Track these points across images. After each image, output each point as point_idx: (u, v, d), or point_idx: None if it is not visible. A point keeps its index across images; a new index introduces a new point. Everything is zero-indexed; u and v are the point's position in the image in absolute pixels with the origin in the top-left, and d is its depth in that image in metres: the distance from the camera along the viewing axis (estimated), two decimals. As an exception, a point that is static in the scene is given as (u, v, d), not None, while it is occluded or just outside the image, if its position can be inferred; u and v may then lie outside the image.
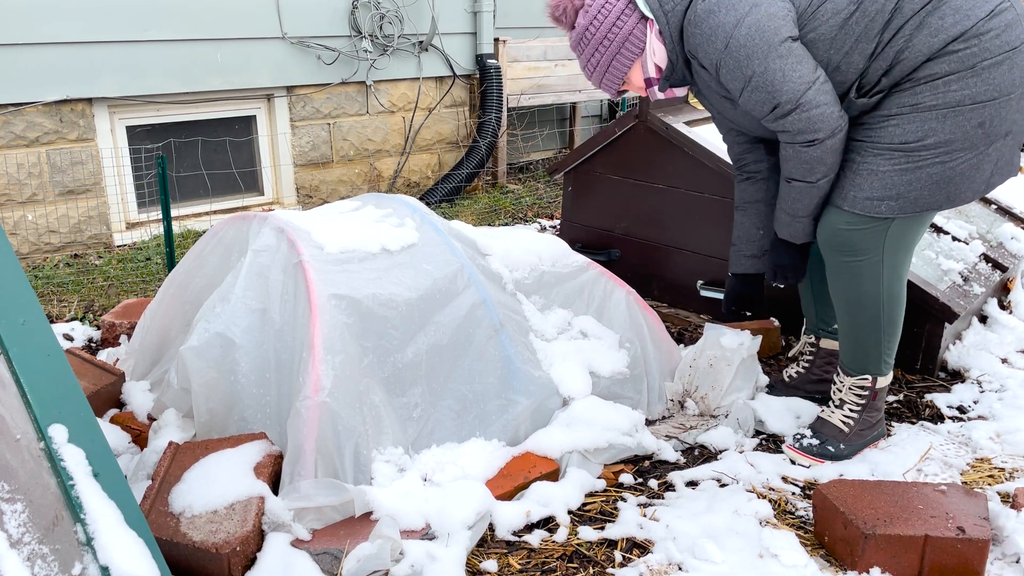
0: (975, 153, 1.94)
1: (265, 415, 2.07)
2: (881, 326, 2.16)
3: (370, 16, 4.79)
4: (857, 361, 2.24)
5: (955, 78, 1.87)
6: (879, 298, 2.12)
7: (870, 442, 2.29)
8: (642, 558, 1.86)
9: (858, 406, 2.26)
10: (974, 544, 1.74)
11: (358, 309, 2.06)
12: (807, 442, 2.27)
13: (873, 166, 1.99)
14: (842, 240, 2.08)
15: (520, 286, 2.45)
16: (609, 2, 2.11)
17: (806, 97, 1.93)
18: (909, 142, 1.94)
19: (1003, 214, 3.57)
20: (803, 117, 1.95)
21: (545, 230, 4.57)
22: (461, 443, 2.13)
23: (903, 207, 1.99)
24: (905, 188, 1.97)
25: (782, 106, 1.96)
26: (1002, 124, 1.93)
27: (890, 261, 2.09)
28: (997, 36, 1.85)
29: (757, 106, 2.00)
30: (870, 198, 2.00)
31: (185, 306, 2.39)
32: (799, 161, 2.03)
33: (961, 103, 1.89)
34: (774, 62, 1.92)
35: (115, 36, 3.99)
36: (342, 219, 2.38)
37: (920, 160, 1.94)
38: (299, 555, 1.74)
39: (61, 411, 1.41)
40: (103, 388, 2.32)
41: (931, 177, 1.95)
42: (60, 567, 1.28)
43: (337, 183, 5.02)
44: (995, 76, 1.87)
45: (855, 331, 2.20)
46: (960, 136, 1.91)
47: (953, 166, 1.94)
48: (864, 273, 2.10)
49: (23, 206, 3.91)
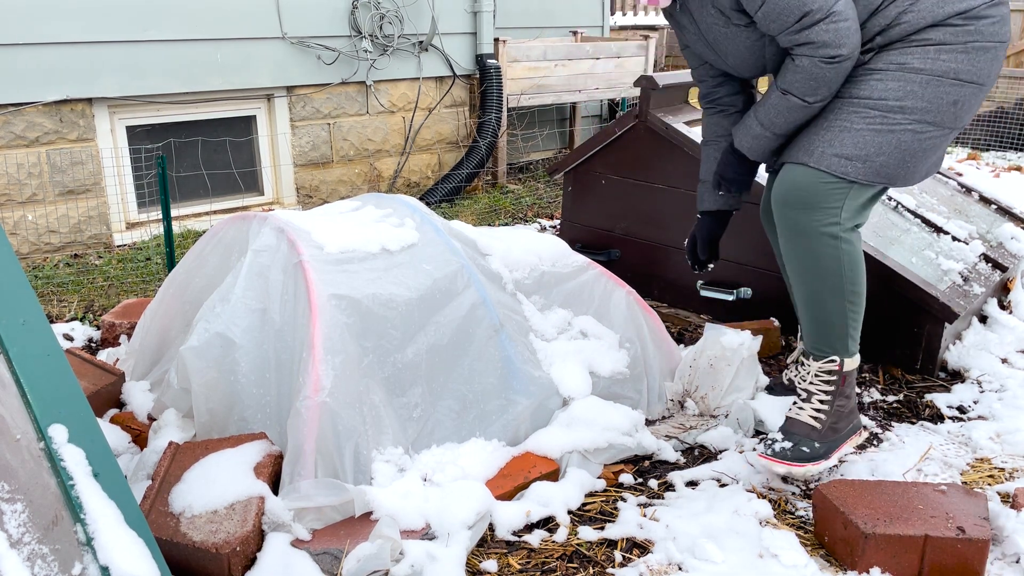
0: (941, 132, 1.95)
1: (265, 415, 2.07)
2: (844, 294, 2.05)
3: (370, 16, 4.79)
4: (822, 338, 2.11)
5: (947, 49, 1.88)
6: (839, 263, 2.02)
7: (846, 436, 2.14)
8: (642, 558, 1.86)
9: (827, 395, 2.11)
10: (974, 544, 1.74)
11: (358, 309, 2.06)
12: (779, 446, 2.11)
13: (847, 122, 1.96)
14: (802, 196, 2.00)
15: (520, 286, 2.45)
16: None
17: (838, 7, 1.87)
18: (888, 100, 1.92)
19: (1003, 214, 3.58)
20: (831, 28, 1.88)
21: (545, 230, 4.57)
22: (461, 443, 2.13)
23: (867, 172, 1.95)
24: (875, 150, 1.94)
25: (812, 14, 1.87)
26: (967, 112, 1.95)
27: (848, 222, 2.01)
28: (993, 24, 1.88)
29: (781, 15, 1.90)
30: (839, 155, 1.95)
31: (185, 306, 2.39)
32: (809, 76, 1.94)
33: (945, 74, 1.89)
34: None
35: (115, 36, 3.99)
36: (342, 219, 2.38)
37: (895, 123, 1.92)
38: (299, 555, 1.74)
39: (61, 411, 1.41)
40: (103, 388, 2.32)
41: (901, 145, 1.93)
42: (60, 567, 1.28)
43: (337, 183, 5.02)
44: (981, 61, 1.89)
45: (817, 303, 2.09)
46: (935, 108, 1.91)
47: (923, 139, 1.94)
48: (823, 235, 2.00)
49: (23, 206, 3.91)
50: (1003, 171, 5.95)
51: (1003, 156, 6.82)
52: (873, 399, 2.63)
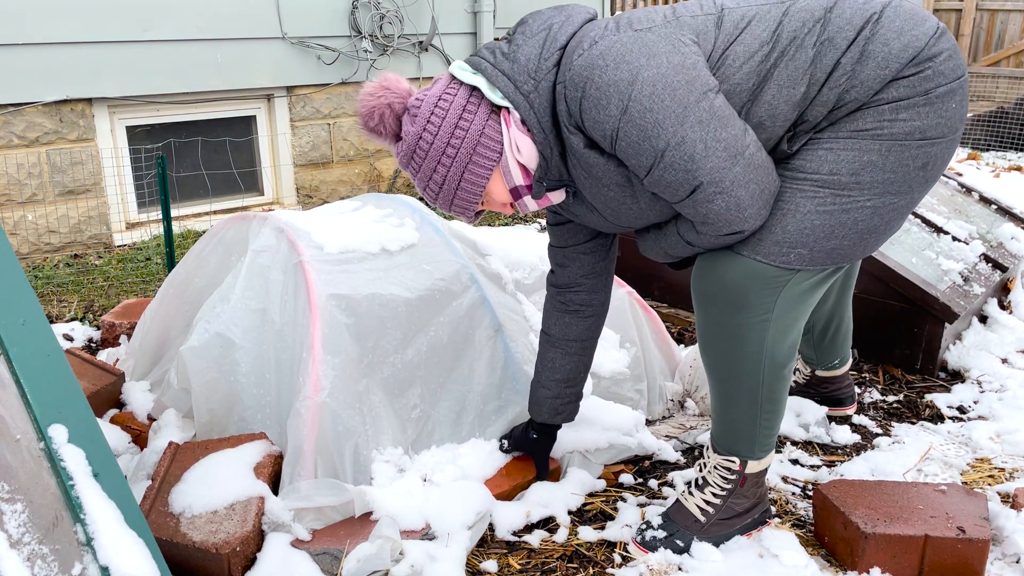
0: (907, 199, 1.59)
1: (265, 415, 2.07)
2: (758, 402, 1.73)
3: (370, 16, 4.79)
4: (725, 438, 1.82)
5: (905, 104, 1.52)
6: (759, 368, 1.69)
7: (739, 532, 1.87)
8: (642, 558, 1.85)
9: (722, 490, 1.84)
10: (974, 544, 1.74)
11: (358, 309, 2.06)
12: (650, 535, 1.85)
13: (791, 204, 1.57)
14: (729, 295, 1.64)
15: (520, 286, 2.45)
16: (443, 98, 1.61)
17: (731, 175, 1.50)
18: (841, 175, 1.54)
19: (1003, 214, 3.58)
20: (731, 203, 1.52)
21: (545, 230, 4.57)
22: (461, 443, 2.13)
23: (814, 258, 1.59)
24: (824, 235, 1.57)
25: (702, 189, 1.52)
26: (939, 168, 1.59)
27: (780, 324, 1.66)
28: (948, 59, 1.53)
29: (670, 189, 1.54)
30: (780, 243, 1.58)
31: (185, 306, 2.39)
32: (713, 242, 1.63)
33: (909, 135, 1.52)
34: (692, 130, 1.48)
35: (115, 36, 3.99)
36: (342, 219, 2.38)
37: (850, 202, 1.55)
38: (299, 555, 1.74)
39: (61, 411, 1.41)
40: (103, 388, 2.32)
41: (856, 224, 1.57)
42: (60, 567, 1.28)
43: (337, 183, 5.02)
44: (948, 110, 1.53)
45: (725, 404, 1.78)
46: (900, 177, 1.55)
47: (883, 213, 1.57)
48: (745, 336, 1.66)
49: (23, 206, 3.91)
50: (1003, 171, 5.95)
51: (1003, 156, 6.82)
52: (873, 399, 2.63)
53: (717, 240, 1.61)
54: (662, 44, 1.52)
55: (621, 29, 1.56)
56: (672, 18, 1.59)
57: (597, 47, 1.53)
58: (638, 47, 1.51)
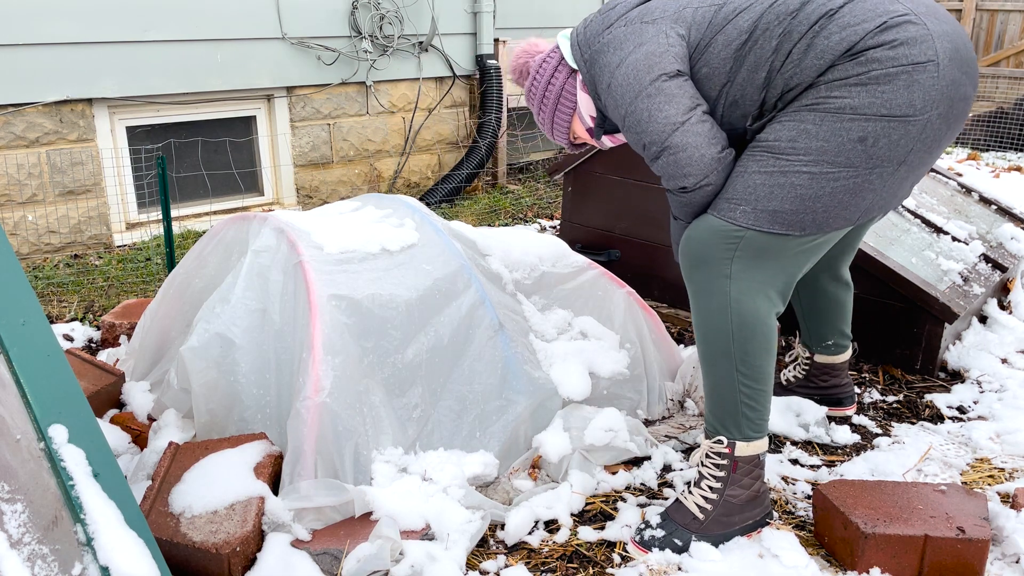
0: (852, 173, 1.73)
1: (265, 415, 2.08)
2: (734, 365, 1.83)
3: (370, 16, 4.80)
4: (714, 416, 1.91)
5: (838, 84, 1.71)
6: (727, 325, 1.82)
7: (740, 532, 1.90)
8: (642, 558, 1.86)
9: (717, 481, 1.89)
10: (974, 544, 1.74)
11: (358, 309, 2.06)
12: (649, 534, 1.89)
13: (741, 167, 1.82)
14: (693, 251, 1.86)
15: (520, 287, 2.45)
16: (547, 60, 2.11)
17: (672, 140, 1.81)
18: (780, 141, 1.76)
19: (1003, 214, 3.58)
20: (671, 161, 1.82)
21: (545, 230, 4.57)
22: (461, 443, 2.13)
23: (759, 218, 1.77)
24: (765, 194, 1.76)
25: (648, 148, 1.86)
26: (893, 149, 1.71)
27: (741, 282, 1.81)
28: (891, 48, 1.67)
29: (635, 147, 1.92)
30: (729, 199, 1.81)
31: (185, 306, 2.39)
32: (678, 203, 1.91)
33: (841, 110, 1.70)
34: (642, 102, 1.83)
35: (115, 36, 3.99)
36: (342, 220, 2.38)
37: (787, 165, 1.74)
38: (299, 555, 1.74)
39: (61, 411, 1.41)
40: (103, 388, 2.32)
41: (795, 188, 1.74)
42: (60, 567, 1.28)
43: (337, 184, 5.02)
44: (886, 91, 1.67)
45: (706, 371, 1.91)
46: (835, 147, 1.71)
47: (823, 182, 1.73)
48: (710, 290, 1.84)
49: (23, 206, 3.91)
50: (1003, 171, 5.95)
51: (1003, 156, 6.82)
52: (873, 399, 2.64)
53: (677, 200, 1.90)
54: (650, 35, 1.88)
55: (632, 22, 1.92)
56: (679, 10, 1.91)
57: (610, 33, 1.94)
58: (632, 37, 1.89)
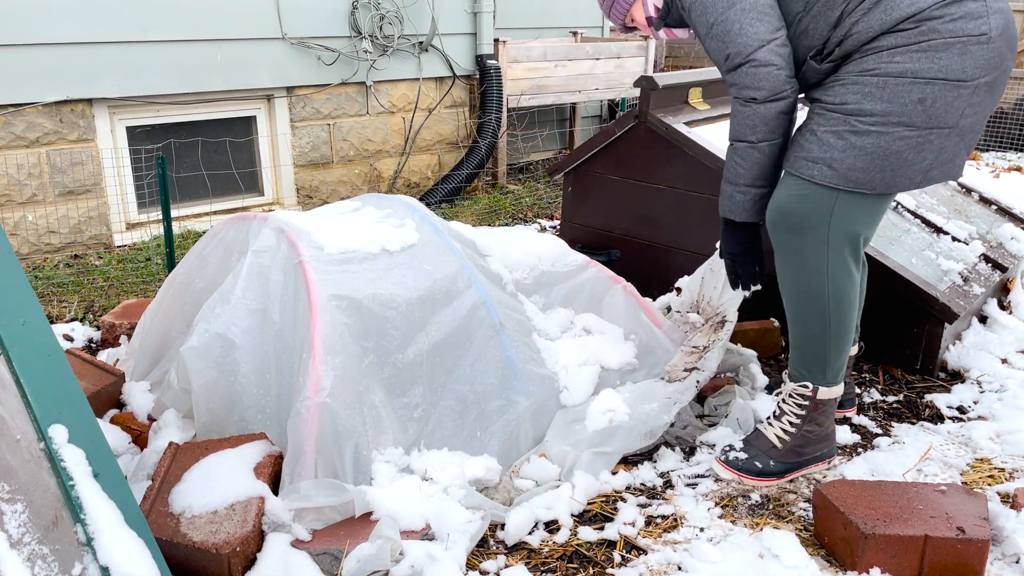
0: (914, 132, 1.89)
1: (265, 415, 2.07)
2: (827, 321, 2.05)
3: (370, 17, 4.80)
4: (801, 364, 2.13)
5: (901, 50, 1.86)
6: (824, 287, 2.03)
7: (812, 462, 2.17)
8: (642, 558, 1.86)
9: (797, 418, 2.13)
10: (974, 544, 1.74)
11: (358, 309, 2.06)
12: (733, 455, 2.17)
13: (814, 126, 1.97)
14: (786, 211, 2.01)
15: (520, 286, 2.45)
16: None
17: (757, 54, 1.94)
18: (848, 104, 1.92)
19: (1003, 214, 3.58)
20: (750, 72, 1.95)
21: (545, 230, 4.57)
22: (462, 443, 2.13)
23: (836, 177, 1.94)
24: (839, 155, 1.93)
25: (732, 58, 1.97)
26: (948, 112, 1.89)
27: (836, 245, 2.00)
28: (951, 21, 1.84)
29: (714, 54, 2.02)
30: (806, 158, 1.96)
31: (185, 307, 2.39)
32: (741, 117, 2.02)
33: (903, 74, 1.86)
34: (735, 13, 1.94)
35: (115, 36, 3.99)
36: (342, 220, 2.38)
37: (857, 126, 1.91)
38: (299, 555, 1.74)
39: (61, 411, 1.41)
40: (103, 388, 2.32)
41: (865, 148, 1.91)
42: (60, 567, 1.28)
43: (337, 184, 5.02)
44: (943, 57, 1.85)
45: (799, 327, 2.11)
46: (898, 108, 1.88)
47: (890, 141, 1.90)
48: (808, 255, 2.02)
49: (23, 207, 3.91)
50: (1003, 171, 5.95)
51: (1003, 156, 6.82)
52: (873, 399, 2.63)
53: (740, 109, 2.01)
54: None
55: None
56: None
57: None
58: None
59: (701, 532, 1.96)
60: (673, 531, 1.96)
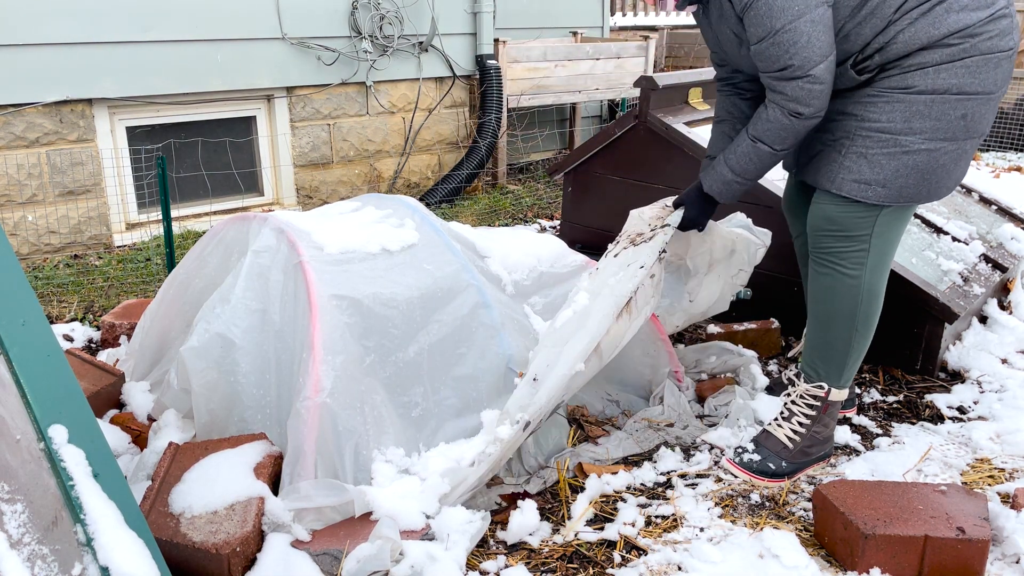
0: (956, 145, 1.97)
1: (265, 415, 2.07)
2: (855, 323, 2.12)
3: (370, 17, 4.79)
4: (818, 361, 2.19)
5: (945, 67, 1.90)
6: (858, 292, 2.09)
7: (814, 461, 2.22)
8: (642, 558, 1.86)
9: (807, 419, 2.19)
10: (974, 544, 1.74)
11: (359, 309, 2.06)
12: (747, 457, 2.21)
13: (862, 149, 2.00)
14: (834, 219, 2.07)
15: (519, 288, 2.45)
16: None
17: (816, 70, 1.92)
18: (896, 123, 1.95)
19: (1003, 214, 3.58)
20: (805, 88, 1.93)
21: (545, 230, 4.57)
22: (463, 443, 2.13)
23: (889, 195, 2.00)
24: (892, 174, 1.98)
25: (791, 69, 1.93)
26: (980, 122, 1.97)
27: (876, 252, 2.08)
28: (991, 39, 1.90)
29: (767, 60, 1.96)
30: (858, 181, 2.01)
31: (185, 307, 2.39)
32: (778, 126, 2.01)
33: (948, 91, 1.91)
34: (805, 24, 1.88)
35: (115, 36, 3.99)
36: (342, 220, 2.38)
37: (908, 146, 1.96)
38: (299, 556, 1.74)
39: (61, 412, 1.41)
40: (103, 389, 2.32)
41: (917, 165, 1.97)
42: (60, 567, 1.28)
43: (337, 184, 5.02)
44: (983, 72, 1.91)
45: (825, 330, 2.16)
46: (944, 125, 1.94)
47: (937, 156, 1.97)
48: (848, 262, 2.08)
49: (23, 207, 3.91)
50: (1003, 171, 5.95)
51: (1003, 156, 6.82)
52: (873, 399, 2.63)
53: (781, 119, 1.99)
54: None
55: None
56: None
57: None
58: None
59: (701, 532, 1.96)
60: (673, 531, 1.96)
